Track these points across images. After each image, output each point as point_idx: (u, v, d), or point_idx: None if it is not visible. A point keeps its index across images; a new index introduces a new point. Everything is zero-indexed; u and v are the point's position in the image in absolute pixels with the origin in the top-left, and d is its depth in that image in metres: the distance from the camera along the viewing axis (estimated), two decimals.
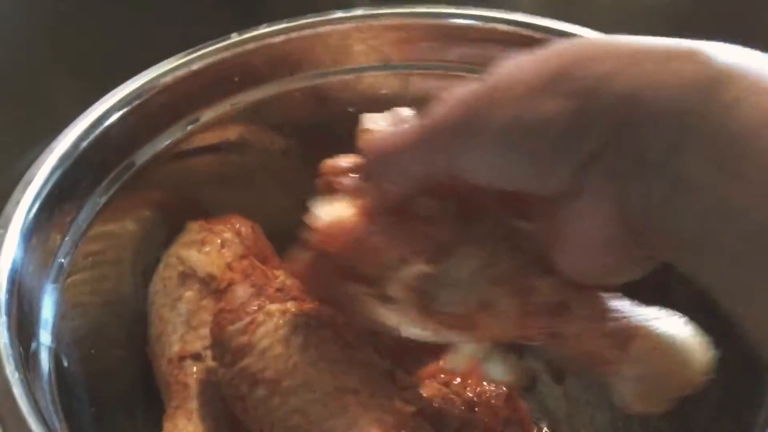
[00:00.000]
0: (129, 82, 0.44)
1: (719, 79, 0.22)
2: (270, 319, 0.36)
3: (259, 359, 0.35)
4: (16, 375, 0.32)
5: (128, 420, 0.44)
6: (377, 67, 0.48)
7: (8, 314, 0.34)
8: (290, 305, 0.37)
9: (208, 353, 0.43)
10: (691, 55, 0.22)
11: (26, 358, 0.34)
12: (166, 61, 0.44)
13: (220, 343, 0.37)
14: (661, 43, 0.24)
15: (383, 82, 0.49)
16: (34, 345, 0.36)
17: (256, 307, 0.37)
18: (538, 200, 0.27)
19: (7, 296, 0.35)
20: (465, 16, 0.46)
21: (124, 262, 0.46)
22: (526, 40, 0.45)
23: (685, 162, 0.22)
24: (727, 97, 0.21)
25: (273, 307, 0.37)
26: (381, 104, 0.49)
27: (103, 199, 0.43)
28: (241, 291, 0.39)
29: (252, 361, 0.35)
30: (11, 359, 0.33)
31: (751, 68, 0.22)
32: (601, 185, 0.24)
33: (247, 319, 0.36)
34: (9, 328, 0.34)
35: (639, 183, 0.23)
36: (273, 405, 0.34)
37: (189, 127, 0.46)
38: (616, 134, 0.23)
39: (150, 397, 0.45)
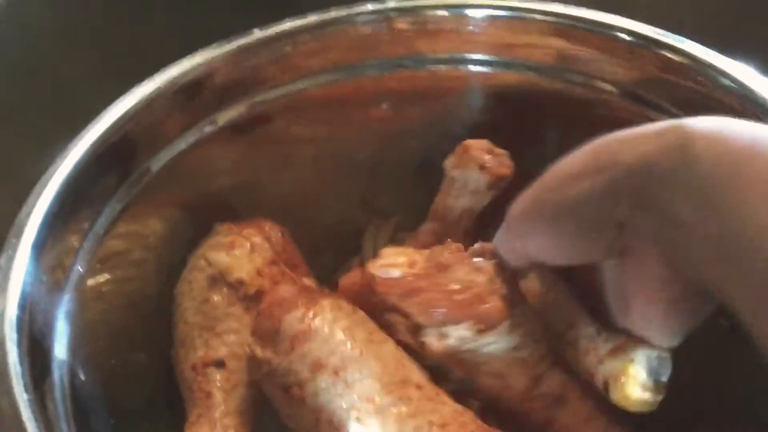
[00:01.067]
0: (144, 83, 0.42)
1: (688, 143, 0.27)
2: (324, 311, 0.36)
3: (324, 344, 0.35)
4: (25, 396, 0.32)
5: (151, 429, 0.44)
6: (405, 62, 0.46)
7: (19, 331, 0.33)
8: (343, 302, 0.38)
9: (232, 361, 0.42)
10: (669, 129, 0.29)
11: (39, 376, 0.34)
12: (182, 60, 0.42)
13: (273, 332, 0.36)
14: (651, 127, 0.30)
15: (413, 78, 0.46)
16: (47, 361, 0.36)
17: (307, 300, 0.37)
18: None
19: (19, 312, 0.34)
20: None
21: (148, 263, 0.45)
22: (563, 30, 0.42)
23: (676, 209, 0.28)
24: (693, 155, 0.27)
25: (325, 301, 0.37)
26: (410, 100, 0.47)
27: (123, 203, 0.42)
28: (287, 287, 0.39)
29: (316, 345, 0.35)
30: (21, 379, 0.32)
31: (711, 128, 0.28)
32: (642, 247, 0.30)
33: (303, 309, 0.36)
34: (20, 345, 0.33)
35: (661, 237, 0.29)
36: (336, 392, 0.35)
37: (207, 128, 0.44)
38: (632, 203, 0.29)
39: (173, 404, 0.44)
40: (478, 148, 0.42)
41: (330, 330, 0.36)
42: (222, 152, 0.46)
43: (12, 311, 0.34)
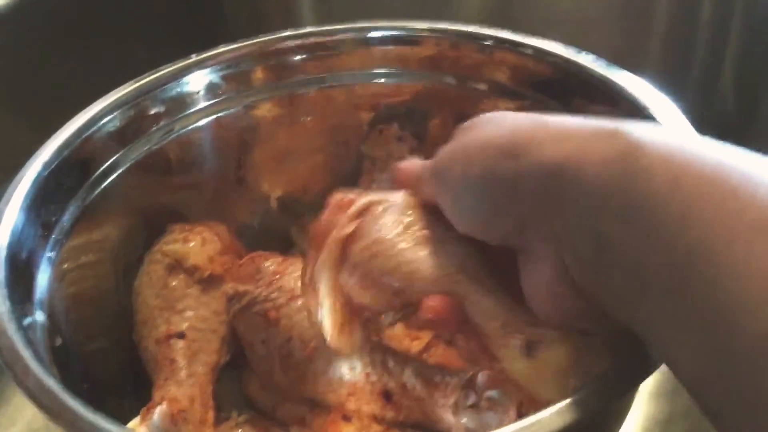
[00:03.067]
0: (99, 101, 0.48)
1: (632, 153, 0.24)
2: (296, 263, 0.44)
3: (297, 280, 0.43)
4: (20, 333, 0.36)
5: (117, 403, 0.47)
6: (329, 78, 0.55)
7: (8, 287, 0.38)
8: None
9: (192, 333, 0.47)
10: (612, 134, 0.26)
11: (24, 329, 0.38)
12: (136, 79, 0.49)
13: (254, 271, 0.44)
14: (589, 123, 0.27)
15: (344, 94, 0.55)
16: (30, 320, 0.40)
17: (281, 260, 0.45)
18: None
19: (6, 272, 0.39)
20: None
21: (106, 263, 0.50)
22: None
23: (606, 223, 0.25)
24: (641, 170, 0.24)
25: (297, 258, 0.46)
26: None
27: (85, 203, 0.47)
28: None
29: (292, 279, 0.43)
30: (13, 322, 0.37)
31: (657, 141, 0.25)
32: (541, 246, 0.28)
33: (281, 257, 0.44)
34: (10, 299, 0.38)
35: (570, 244, 0.27)
36: (304, 315, 0.41)
37: (162, 138, 0.50)
38: (544, 200, 0.27)
39: (137, 387, 0.48)
40: (390, 128, 0.51)
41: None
42: (173, 161, 0.53)
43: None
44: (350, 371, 0.42)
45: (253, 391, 0.49)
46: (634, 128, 0.26)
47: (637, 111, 0.41)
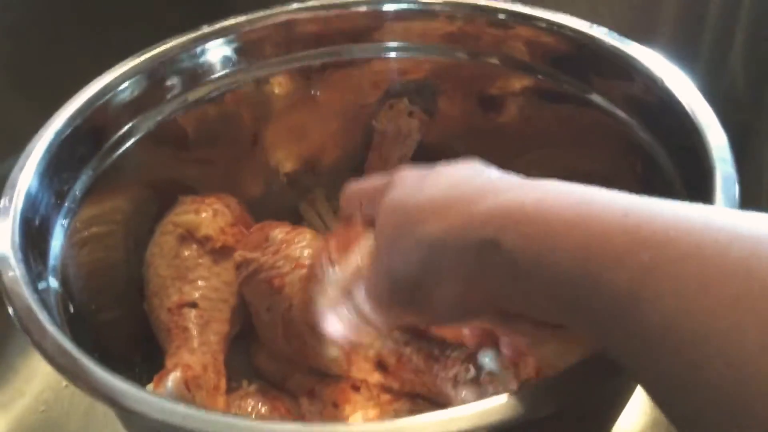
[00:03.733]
0: (111, 71, 0.48)
1: (514, 265, 0.26)
2: (305, 231, 0.45)
3: (305, 249, 0.44)
4: (35, 296, 0.36)
5: (127, 373, 0.47)
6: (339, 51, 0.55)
7: (23, 251, 0.38)
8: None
9: (204, 302, 0.47)
10: (492, 249, 0.27)
11: (39, 293, 0.38)
12: (144, 50, 0.49)
13: (263, 239, 0.45)
14: (472, 237, 0.28)
15: (355, 69, 0.55)
16: (44, 284, 0.40)
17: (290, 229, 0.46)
18: None
19: (20, 237, 0.39)
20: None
21: (117, 233, 0.50)
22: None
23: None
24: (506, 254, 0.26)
25: (305, 229, 0.47)
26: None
27: (97, 173, 0.47)
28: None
29: (299, 249, 0.44)
30: (29, 285, 0.37)
31: (527, 246, 0.26)
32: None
33: (289, 226, 0.45)
34: (24, 262, 0.38)
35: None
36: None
37: (175, 110, 0.50)
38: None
39: (146, 357, 0.49)
40: (401, 102, 0.52)
41: (308, 243, 0.44)
42: (180, 135, 0.53)
43: (16, 237, 0.39)
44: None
45: (262, 363, 0.49)
46: (502, 237, 0.27)
47: (651, 83, 0.41)
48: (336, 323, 0.35)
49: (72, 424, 0.53)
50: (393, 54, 0.55)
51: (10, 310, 0.36)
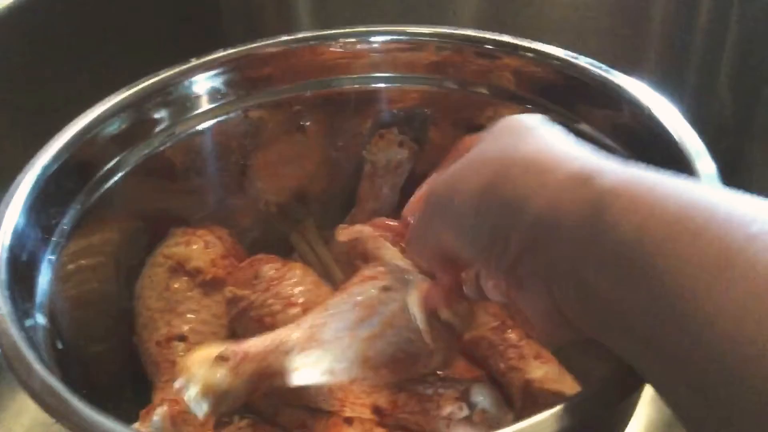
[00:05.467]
0: (98, 105, 0.48)
1: (603, 203, 0.26)
2: (296, 266, 0.45)
3: (293, 287, 0.44)
4: (22, 334, 0.36)
5: (116, 409, 0.46)
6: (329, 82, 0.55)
7: (9, 288, 0.38)
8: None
9: (193, 336, 0.47)
10: (584, 182, 0.27)
11: (26, 330, 0.38)
12: (131, 85, 0.49)
13: (252, 277, 0.44)
14: (566, 167, 0.28)
15: (340, 97, 0.55)
16: (31, 322, 0.39)
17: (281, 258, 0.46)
18: None
19: (7, 274, 0.39)
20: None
21: (107, 266, 0.50)
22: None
23: (584, 270, 0.27)
24: (609, 219, 0.26)
25: (296, 264, 0.46)
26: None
27: (85, 207, 0.47)
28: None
29: (286, 286, 0.44)
30: (15, 323, 0.36)
31: (623, 190, 0.26)
32: (532, 281, 0.30)
33: (280, 262, 0.44)
34: (11, 300, 0.38)
35: (554, 283, 0.28)
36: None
37: (163, 142, 0.50)
38: (530, 246, 0.29)
39: (136, 393, 0.48)
40: (391, 132, 0.52)
41: (299, 279, 0.44)
42: (169, 168, 0.52)
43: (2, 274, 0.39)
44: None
45: (252, 397, 0.49)
46: (606, 174, 0.27)
47: (638, 113, 0.42)
48: None
49: None
50: (382, 84, 0.55)
51: None
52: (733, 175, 0.37)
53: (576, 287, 0.27)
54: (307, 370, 0.37)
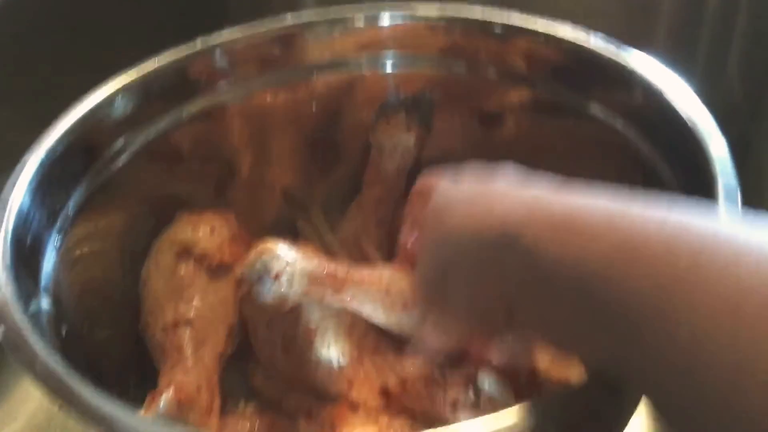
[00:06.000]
0: (103, 86, 0.47)
1: (529, 258, 0.25)
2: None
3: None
4: (26, 317, 0.35)
5: (122, 395, 0.46)
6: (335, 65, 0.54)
7: (14, 271, 0.38)
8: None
9: (199, 321, 0.46)
10: (510, 245, 0.26)
11: (30, 314, 0.37)
12: (138, 63, 0.49)
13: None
14: (490, 235, 0.27)
15: (350, 82, 0.54)
16: (35, 306, 0.39)
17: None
18: None
19: (11, 257, 0.38)
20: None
21: (112, 251, 0.49)
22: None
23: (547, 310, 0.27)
24: (541, 268, 0.25)
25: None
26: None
27: (88, 191, 0.46)
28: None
29: None
30: (20, 306, 0.36)
31: (550, 240, 0.25)
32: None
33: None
34: (15, 283, 0.37)
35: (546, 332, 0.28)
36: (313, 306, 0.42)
37: (168, 125, 0.50)
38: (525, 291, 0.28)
39: (140, 380, 0.47)
40: (397, 117, 0.51)
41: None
42: (175, 152, 0.52)
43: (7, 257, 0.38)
44: (341, 359, 0.42)
45: (258, 382, 0.48)
46: (526, 233, 0.26)
47: (650, 93, 0.41)
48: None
49: None
50: (390, 68, 0.54)
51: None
52: (743, 159, 0.37)
53: (541, 317, 0.27)
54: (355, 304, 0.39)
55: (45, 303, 0.40)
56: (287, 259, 0.41)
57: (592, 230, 0.24)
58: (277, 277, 0.40)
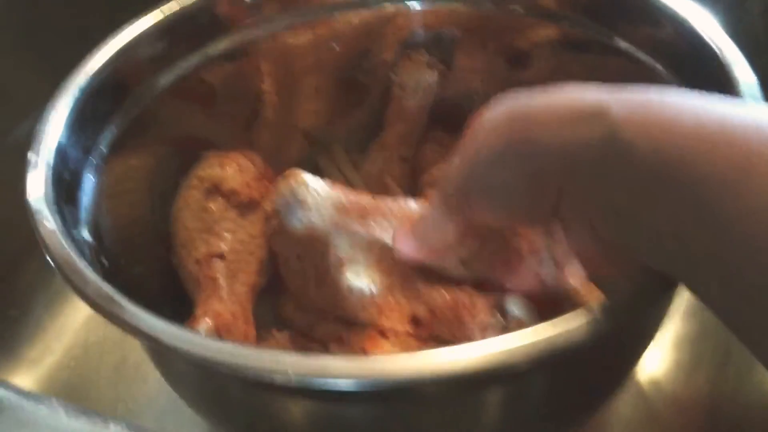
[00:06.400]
0: (130, 25, 0.48)
1: (616, 132, 0.27)
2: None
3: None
4: (73, 246, 0.37)
5: None
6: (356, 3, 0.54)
7: (56, 203, 0.39)
8: None
9: (231, 254, 0.48)
10: (596, 116, 0.28)
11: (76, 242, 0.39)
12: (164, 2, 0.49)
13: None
14: (577, 106, 0.29)
15: (373, 20, 0.54)
16: (78, 236, 0.40)
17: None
18: None
19: (53, 191, 0.40)
20: None
21: (141, 190, 0.50)
22: None
23: (610, 197, 0.28)
24: (623, 145, 0.27)
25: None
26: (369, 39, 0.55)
27: (119, 129, 0.47)
28: None
29: None
30: (66, 235, 0.37)
31: (639, 113, 0.27)
32: (573, 220, 0.31)
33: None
34: (59, 214, 0.38)
35: (591, 215, 0.30)
36: (341, 235, 0.43)
37: (195, 64, 0.50)
38: (562, 185, 0.30)
39: (175, 311, 0.49)
40: (419, 54, 0.52)
41: None
42: (202, 89, 0.52)
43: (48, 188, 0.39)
44: (372, 287, 0.44)
45: (289, 314, 0.50)
46: (614, 105, 0.27)
47: (678, 26, 0.41)
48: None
49: (102, 380, 0.54)
50: (413, 5, 0.54)
51: (51, 261, 0.36)
52: (765, 94, 0.38)
53: (607, 213, 0.28)
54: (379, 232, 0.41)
55: (86, 235, 0.42)
56: (315, 187, 0.43)
57: (676, 116, 0.26)
58: (304, 204, 0.42)
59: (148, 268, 0.50)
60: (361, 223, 0.43)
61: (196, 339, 0.33)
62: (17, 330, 0.56)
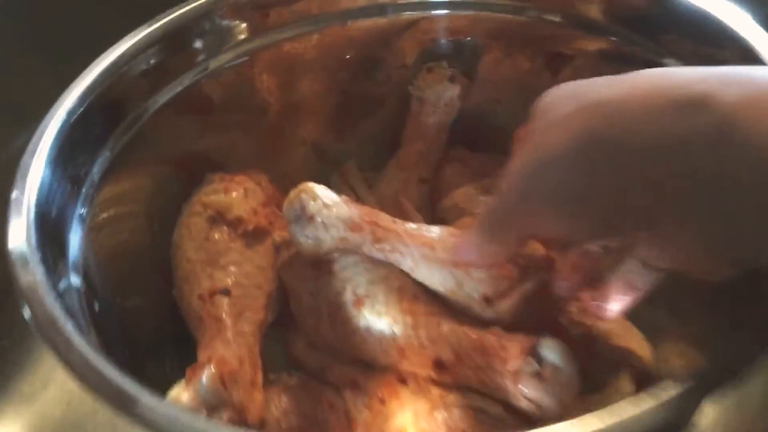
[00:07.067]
0: (125, 40, 0.44)
1: (727, 122, 0.24)
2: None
3: None
4: (58, 302, 0.33)
5: (158, 366, 0.44)
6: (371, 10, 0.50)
7: (41, 249, 0.35)
8: None
9: (237, 290, 0.44)
10: (701, 106, 0.24)
11: (62, 296, 0.35)
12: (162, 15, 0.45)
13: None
14: (672, 95, 0.25)
15: (384, 27, 0.50)
16: (65, 284, 0.37)
17: None
18: None
19: (37, 234, 0.36)
20: None
21: (140, 215, 0.47)
22: None
23: (725, 193, 0.25)
24: (740, 134, 0.24)
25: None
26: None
27: (114, 153, 0.44)
28: None
29: None
30: (50, 290, 0.34)
31: (747, 100, 0.24)
32: (673, 223, 0.27)
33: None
34: (43, 262, 0.35)
35: (701, 215, 0.26)
36: (359, 270, 0.40)
37: (195, 78, 0.46)
38: (662, 186, 0.26)
39: (177, 347, 0.46)
40: (440, 66, 0.47)
41: None
42: (204, 105, 0.48)
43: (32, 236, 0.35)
44: (395, 327, 0.40)
45: (299, 352, 0.46)
46: (717, 92, 0.24)
47: (741, 52, 0.36)
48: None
49: (99, 417, 0.50)
50: (431, 9, 0.49)
51: (28, 317, 0.33)
52: None
53: (721, 211, 0.25)
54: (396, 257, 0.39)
55: (74, 278, 0.38)
56: (326, 201, 0.39)
57: None
58: (311, 218, 0.39)
59: (146, 301, 0.46)
60: (373, 242, 0.39)
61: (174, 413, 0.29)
62: (9, 360, 0.53)
